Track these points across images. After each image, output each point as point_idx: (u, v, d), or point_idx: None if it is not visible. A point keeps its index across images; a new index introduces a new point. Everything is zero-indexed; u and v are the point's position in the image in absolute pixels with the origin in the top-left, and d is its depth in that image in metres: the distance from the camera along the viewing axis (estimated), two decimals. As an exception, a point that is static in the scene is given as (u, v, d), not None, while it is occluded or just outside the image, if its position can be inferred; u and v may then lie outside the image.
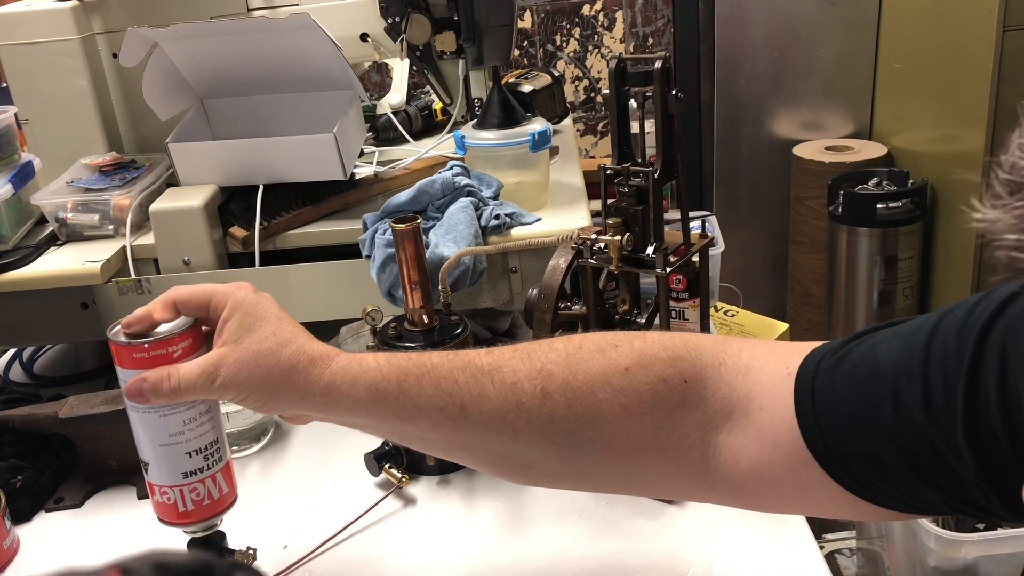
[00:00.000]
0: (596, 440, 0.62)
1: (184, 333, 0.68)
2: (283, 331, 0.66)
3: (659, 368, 0.61)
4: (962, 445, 0.48)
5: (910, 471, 0.52)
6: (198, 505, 0.72)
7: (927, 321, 0.53)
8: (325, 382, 0.64)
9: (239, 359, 0.64)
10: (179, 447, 0.70)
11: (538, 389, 0.61)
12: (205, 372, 0.65)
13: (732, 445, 0.60)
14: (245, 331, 0.65)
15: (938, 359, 0.51)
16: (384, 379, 0.64)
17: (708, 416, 0.61)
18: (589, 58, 2.95)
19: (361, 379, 0.64)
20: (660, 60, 0.87)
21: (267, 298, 0.69)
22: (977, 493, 0.50)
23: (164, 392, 0.65)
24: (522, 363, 0.63)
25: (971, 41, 2.19)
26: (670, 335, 0.64)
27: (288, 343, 0.65)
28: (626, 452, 0.62)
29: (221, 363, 0.65)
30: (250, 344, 0.65)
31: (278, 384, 0.65)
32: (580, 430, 0.61)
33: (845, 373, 0.55)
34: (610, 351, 0.62)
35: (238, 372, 0.64)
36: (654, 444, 0.61)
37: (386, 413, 0.65)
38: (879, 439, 0.52)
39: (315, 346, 0.66)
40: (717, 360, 0.61)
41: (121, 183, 1.18)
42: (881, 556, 1.72)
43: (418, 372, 0.64)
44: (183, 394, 0.66)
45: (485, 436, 0.64)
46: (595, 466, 0.64)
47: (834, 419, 0.55)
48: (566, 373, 0.62)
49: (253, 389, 0.65)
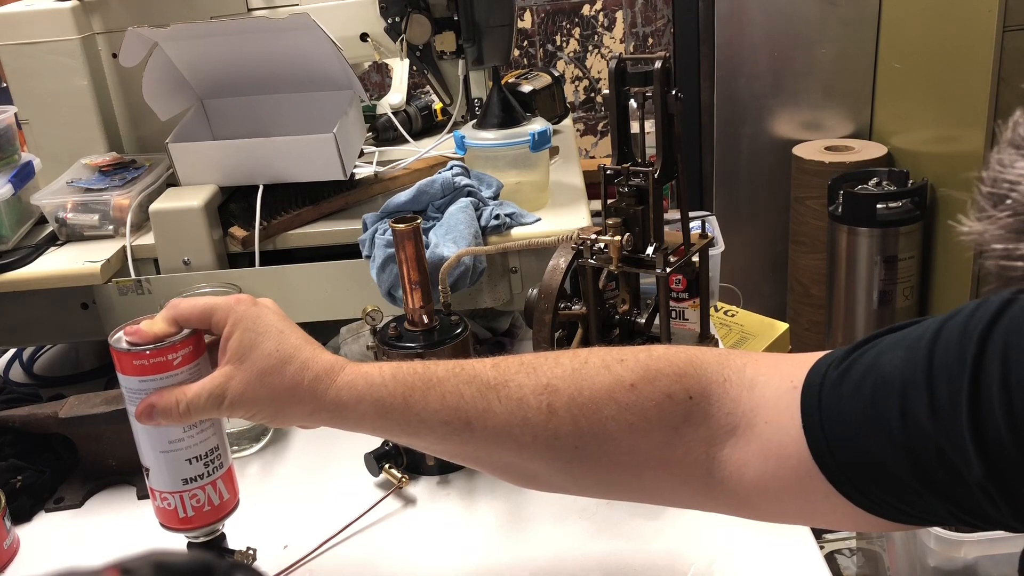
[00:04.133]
0: (601, 456, 0.62)
1: (185, 340, 0.68)
2: (286, 346, 0.66)
3: (665, 384, 0.61)
4: (969, 448, 0.49)
5: (918, 481, 0.52)
6: (198, 511, 0.73)
7: (928, 328, 0.53)
8: (331, 398, 0.65)
9: (244, 380, 0.65)
10: (179, 454, 0.71)
11: (544, 405, 0.62)
12: (212, 395, 0.65)
13: (737, 459, 0.60)
14: (248, 349, 0.65)
15: (941, 364, 0.51)
16: (390, 395, 0.64)
17: (713, 431, 0.61)
18: (589, 58, 2.95)
19: (367, 395, 0.65)
20: (660, 60, 0.87)
21: (268, 308, 0.69)
22: (984, 500, 0.50)
23: (174, 417, 0.67)
24: (528, 378, 0.63)
25: (971, 41, 2.19)
26: (675, 350, 0.64)
27: (292, 359, 0.65)
28: (631, 467, 0.62)
29: (227, 384, 0.65)
30: (254, 363, 0.65)
31: (284, 402, 0.65)
32: (585, 446, 0.62)
33: (851, 385, 0.55)
34: (615, 367, 0.62)
35: (244, 392, 0.65)
36: (659, 459, 0.62)
37: (392, 428, 0.65)
38: (887, 450, 0.53)
39: (320, 360, 0.66)
40: (722, 375, 0.62)
41: (121, 183, 1.18)
42: (881, 556, 1.72)
43: (424, 387, 0.64)
44: (192, 417, 0.67)
45: (491, 449, 0.64)
46: (599, 480, 0.65)
47: (842, 432, 0.55)
48: (572, 389, 0.62)
49: (260, 408, 0.66)
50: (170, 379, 0.68)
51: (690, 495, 0.64)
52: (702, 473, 0.61)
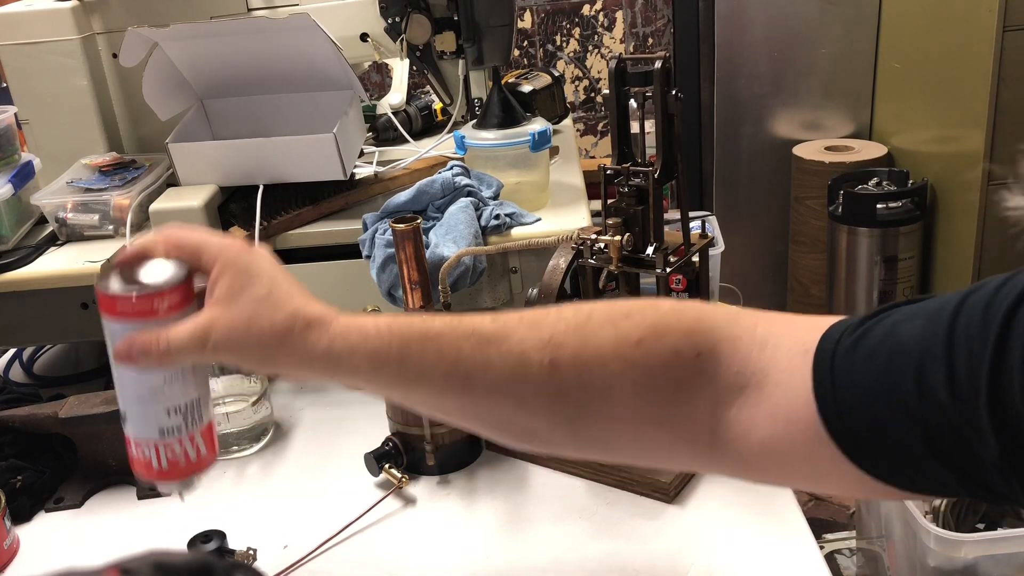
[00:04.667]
0: (603, 412, 0.61)
1: (174, 288, 0.64)
2: (277, 292, 0.63)
3: (672, 340, 0.59)
4: (985, 427, 0.48)
5: (929, 451, 0.51)
6: (173, 465, 0.69)
7: (950, 301, 0.52)
8: (323, 348, 0.62)
9: (230, 323, 0.62)
10: (158, 403, 0.67)
11: (546, 361, 0.60)
12: (195, 336, 0.62)
13: (744, 420, 0.59)
14: (237, 292, 0.62)
15: (962, 339, 0.50)
16: (385, 347, 0.62)
17: (720, 390, 0.59)
18: (589, 58, 2.95)
19: (360, 347, 0.62)
20: (660, 60, 0.87)
21: (261, 253, 0.66)
22: (996, 477, 0.49)
23: (153, 356, 0.63)
24: (529, 332, 0.61)
25: (971, 41, 2.19)
26: (683, 305, 0.62)
27: (282, 306, 0.63)
28: (634, 424, 0.61)
29: (211, 326, 0.62)
30: (242, 307, 0.62)
31: (273, 349, 0.62)
32: (588, 402, 0.60)
33: (866, 352, 0.54)
34: (621, 322, 0.61)
35: (229, 336, 0.62)
36: (664, 417, 0.60)
37: (387, 381, 0.63)
38: (900, 418, 0.52)
39: (312, 308, 0.64)
40: (732, 333, 0.60)
41: (121, 183, 1.18)
42: (881, 556, 1.72)
43: (421, 339, 0.62)
44: (172, 357, 0.63)
45: (490, 406, 0.62)
46: (600, 437, 0.63)
47: (854, 398, 0.54)
48: (576, 345, 0.60)
49: (247, 353, 0.63)
50: (156, 326, 0.64)
51: (693, 455, 0.62)
52: (707, 433, 0.60)
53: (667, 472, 0.90)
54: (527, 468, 0.97)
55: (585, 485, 0.94)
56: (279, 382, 1.18)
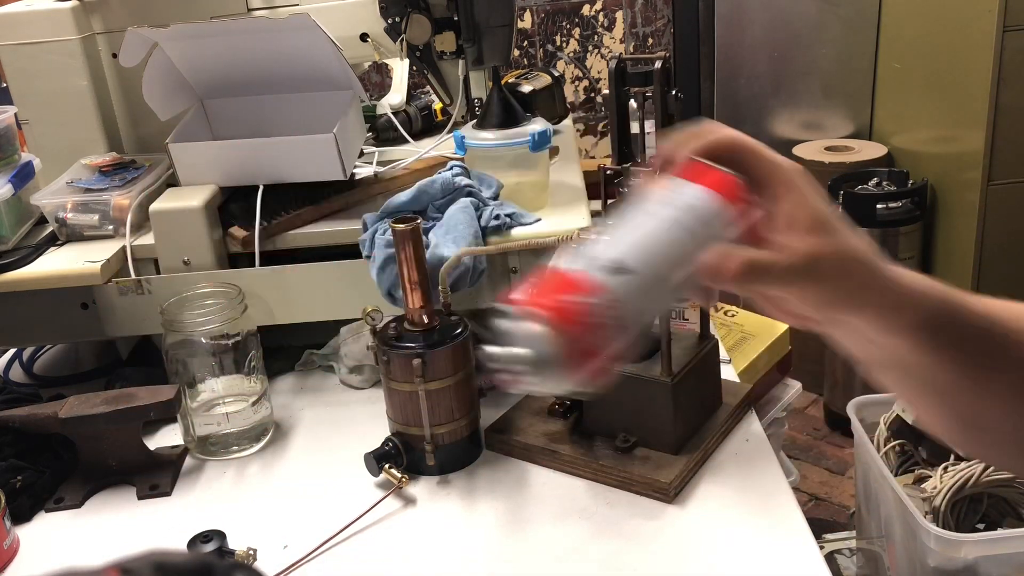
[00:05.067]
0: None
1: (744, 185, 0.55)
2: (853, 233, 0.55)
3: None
4: None
5: None
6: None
7: None
8: (896, 287, 0.55)
9: (838, 250, 0.54)
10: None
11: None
12: (808, 255, 0.53)
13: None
14: (827, 219, 0.54)
15: None
16: (941, 300, 0.55)
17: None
18: (589, 58, 2.95)
19: (923, 291, 0.56)
20: (660, 60, 0.87)
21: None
22: None
23: (761, 279, 0.53)
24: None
25: (971, 41, 2.19)
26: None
27: (863, 247, 0.55)
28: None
29: (820, 253, 0.53)
30: (845, 238, 0.54)
31: (867, 281, 0.55)
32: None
33: None
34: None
35: (842, 263, 0.54)
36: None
37: (940, 342, 0.55)
38: None
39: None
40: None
41: (121, 183, 1.18)
42: (881, 556, 1.72)
43: (959, 303, 0.56)
44: (771, 286, 0.55)
45: (1004, 405, 0.56)
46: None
47: None
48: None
49: (844, 282, 0.54)
50: (723, 217, 0.54)
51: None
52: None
53: (667, 472, 0.91)
54: (527, 468, 0.98)
55: (585, 485, 0.94)
56: (279, 382, 1.18)
